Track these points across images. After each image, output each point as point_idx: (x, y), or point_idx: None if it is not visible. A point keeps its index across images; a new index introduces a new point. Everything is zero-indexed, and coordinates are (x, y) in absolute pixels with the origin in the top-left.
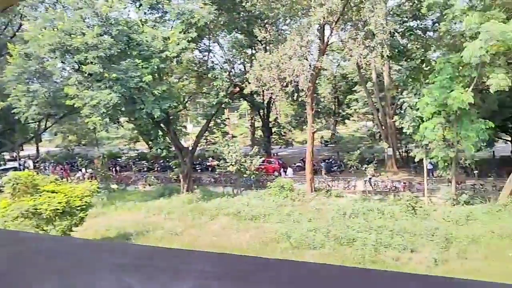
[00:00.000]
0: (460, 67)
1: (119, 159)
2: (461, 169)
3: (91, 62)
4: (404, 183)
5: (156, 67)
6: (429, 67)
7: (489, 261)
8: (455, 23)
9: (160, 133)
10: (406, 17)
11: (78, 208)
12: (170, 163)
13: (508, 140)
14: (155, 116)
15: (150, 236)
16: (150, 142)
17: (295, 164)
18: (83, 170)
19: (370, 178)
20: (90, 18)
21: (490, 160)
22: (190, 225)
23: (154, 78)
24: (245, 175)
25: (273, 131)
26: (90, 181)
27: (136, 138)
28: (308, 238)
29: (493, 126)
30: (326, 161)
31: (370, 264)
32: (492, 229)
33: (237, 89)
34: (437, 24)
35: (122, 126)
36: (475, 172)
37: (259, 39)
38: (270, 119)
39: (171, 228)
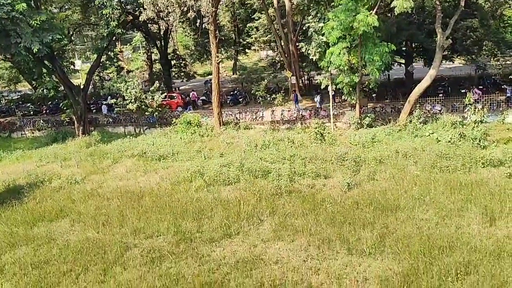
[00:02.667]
0: None
1: None
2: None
3: None
4: (310, 110)
5: None
6: None
7: (396, 179)
8: None
9: (45, 71)
10: None
11: None
12: (61, 105)
13: (402, 63)
14: (35, 51)
15: (46, 188)
16: (34, 82)
17: (199, 98)
18: None
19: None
20: None
21: (385, 83)
22: (91, 171)
23: (30, 7)
24: (147, 113)
25: (172, 64)
26: None
27: (17, 78)
28: (222, 174)
29: (395, 48)
30: (232, 93)
31: (286, 194)
32: (396, 149)
33: (130, 17)
34: None
35: None
36: (374, 95)
37: None
38: (169, 51)
39: (69, 176)
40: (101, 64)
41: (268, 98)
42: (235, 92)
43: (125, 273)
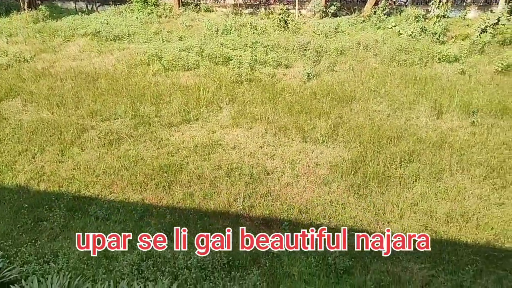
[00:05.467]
0: None
1: None
2: None
3: None
4: None
5: None
6: None
7: (355, 72)
8: None
9: None
10: None
11: None
12: None
13: None
14: None
15: None
16: None
17: None
18: None
19: None
20: None
21: None
22: (41, 49)
23: None
24: None
25: None
26: None
27: None
28: (181, 58)
29: None
30: None
31: (246, 82)
32: (358, 40)
33: None
34: None
35: None
36: None
37: None
38: None
39: (17, 53)
40: None
41: None
42: None
43: (83, 154)
